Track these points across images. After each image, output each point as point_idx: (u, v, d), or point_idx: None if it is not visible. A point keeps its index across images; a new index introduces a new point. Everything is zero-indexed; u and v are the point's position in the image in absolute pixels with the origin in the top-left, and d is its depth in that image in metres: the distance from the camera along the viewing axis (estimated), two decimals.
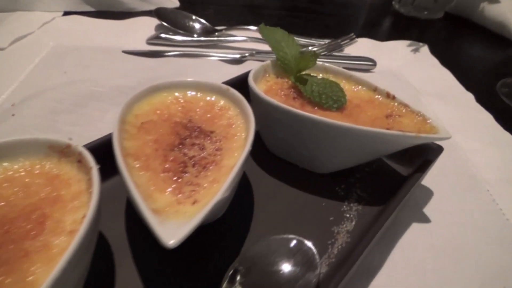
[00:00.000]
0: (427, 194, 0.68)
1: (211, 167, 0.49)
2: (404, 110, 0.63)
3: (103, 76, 0.89)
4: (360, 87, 0.69)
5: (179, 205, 0.42)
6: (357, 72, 1.05)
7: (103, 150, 0.48)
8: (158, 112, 0.57)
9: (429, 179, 0.69)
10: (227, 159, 0.50)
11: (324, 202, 0.61)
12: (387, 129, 0.58)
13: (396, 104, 0.64)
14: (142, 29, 1.12)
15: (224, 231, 0.53)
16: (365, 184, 0.65)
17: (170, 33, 1.10)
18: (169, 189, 0.44)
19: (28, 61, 0.91)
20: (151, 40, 1.07)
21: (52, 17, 1.12)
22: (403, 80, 1.05)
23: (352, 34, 1.15)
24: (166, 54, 1.02)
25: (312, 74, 0.71)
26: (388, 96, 0.65)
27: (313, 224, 0.57)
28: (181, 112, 0.58)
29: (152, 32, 1.12)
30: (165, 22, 1.12)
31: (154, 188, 0.44)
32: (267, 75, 0.69)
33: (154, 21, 1.16)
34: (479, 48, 1.40)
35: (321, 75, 0.72)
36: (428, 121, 0.59)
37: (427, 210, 0.65)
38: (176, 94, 0.61)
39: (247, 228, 0.54)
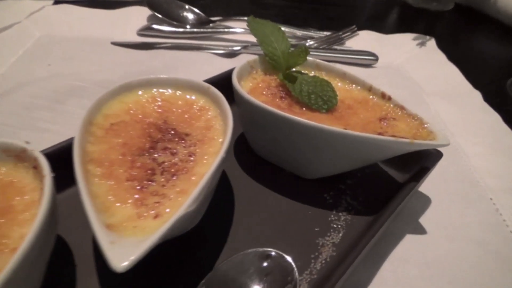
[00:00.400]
0: (424, 202, 0.63)
1: (181, 175, 0.45)
2: (400, 113, 0.58)
3: (88, 70, 0.85)
4: (354, 86, 0.64)
5: (139, 220, 0.38)
6: (357, 67, 1.01)
7: (66, 155, 0.43)
8: (131, 112, 0.53)
9: (428, 185, 0.64)
10: (200, 166, 0.46)
11: (310, 211, 0.56)
12: (380, 134, 0.53)
13: (391, 105, 0.59)
14: (133, 19, 1.08)
15: (196, 244, 0.49)
16: (356, 191, 0.60)
17: (165, 24, 1.06)
18: (131, 201, 0.40)
19: (11, 53, 0.88)
20: (142, 31, 1.03)
21: (41, 6, 1.08)
22: (405, 77, 1.00)
23: (354, 26, 1.09)
24: (157, 46, 0.98)
25: (303, 72, 0.66)
26: (384, 96, 0.60)
27: (296, 235, 0.53)
28: (156, 112, 0.54)
29: (143, 22, 1.07)
30: (157, 13, 1.07)
31: (114, 199, 0.40)
32: (254, 72, 0.64)
33: (146, 11, 1.11)
34: (490, 42, 1.33)
35: (313, 72, 0.67)
36: (426, 125, 0.54)
37: (423, 220, 0.60)
38: (153, 92, 0.56)
39: (223, 240, 0.50)
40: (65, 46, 0.93)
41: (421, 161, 0.60)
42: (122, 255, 0.32)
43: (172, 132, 0.51)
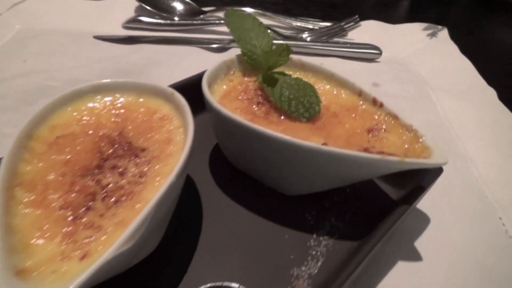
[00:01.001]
0: (422, 222, 0.55)
1: (125, 202, 0.38)
2: (392, 122, 0.50)
3: (64, 67, 0.79)
4: (342, 90, 0.56)
5: (62, 262, 0.32)
6: (359, 62, 0.92)
7: None
8: (83, 122, 0.47)
9: (427, 202, 0.56)
10: (149, 190, 0.39)
11: (287, 234, 0.50)
12: (366, 149, 0.45)
13: (383, 114, 0.51)
14: (119, 11, 1.01)
15: (145, 278, 0.43)
16: (343, 210, 0.53)
17: (156, 17, 0.99)
18: (59, 236, 0.34)
19: None
20: (128, 24, 0.96)
21: None
22: (412, 71, 0.91)
23: (356, 16, 1.00)
24: (142, 40, 0.91)
25: (287, 72, 0.58)
26: (375, 103, 0.52)
27: (267, 265, 0.46)
28: (112, 122, 0.48)
29: (130, 14, 1.00)
30: (145, 4, 1.00)
31: (39, 233, 0.34)
32: (231, 72, 0.57)
33: (133, 2, 1.04)
34: (509, 32, 1.21)
35: (297, 73, 0.59)
36: (421, 139, 0.46)
37: (420, 243, 0.52)
38: (110, 98, 0.50)
39: (180, 272, 0.44)
40: (45, 40, 0.88)
41: (419, 176, 0.52)
42: None
43: (126, 147, 0.45)
